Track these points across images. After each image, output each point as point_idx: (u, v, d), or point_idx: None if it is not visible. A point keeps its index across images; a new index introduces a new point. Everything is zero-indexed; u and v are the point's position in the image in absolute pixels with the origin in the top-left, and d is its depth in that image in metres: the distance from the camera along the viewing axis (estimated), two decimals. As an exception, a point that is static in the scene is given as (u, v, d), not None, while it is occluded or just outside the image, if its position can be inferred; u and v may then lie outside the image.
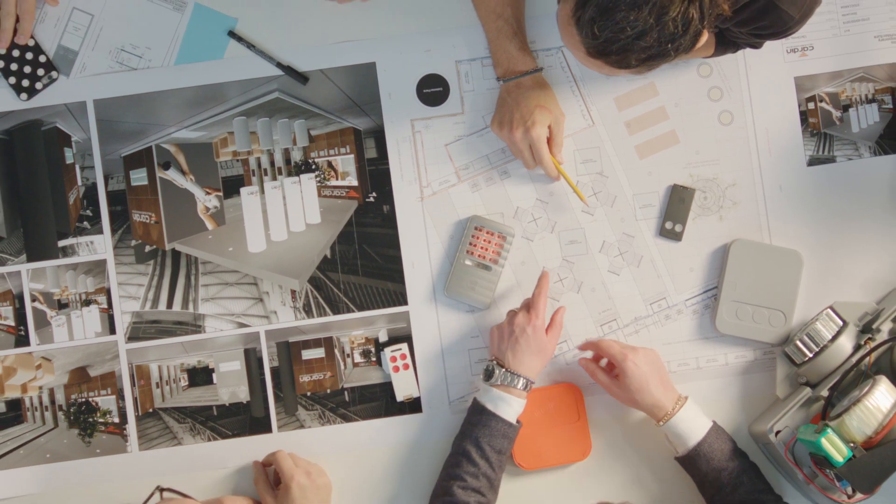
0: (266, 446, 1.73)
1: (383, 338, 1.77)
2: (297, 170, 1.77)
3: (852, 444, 1.50)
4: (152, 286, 1.75)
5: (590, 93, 1.78)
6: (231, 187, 1.77)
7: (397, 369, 1.76)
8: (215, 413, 1.75)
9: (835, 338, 1.63)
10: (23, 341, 1.74)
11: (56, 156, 1.76)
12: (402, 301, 1.76)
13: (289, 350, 1.76)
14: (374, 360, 1.76)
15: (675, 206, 1.77)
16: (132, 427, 1.74)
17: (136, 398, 1.75)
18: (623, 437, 1.75)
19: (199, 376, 1.76)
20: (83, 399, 1.74)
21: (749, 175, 1.78)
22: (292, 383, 1.76)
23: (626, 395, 1.65)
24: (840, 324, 1.65)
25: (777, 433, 1.61)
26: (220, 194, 1.77)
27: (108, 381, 1.75)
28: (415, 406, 1.76)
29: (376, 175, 1.77)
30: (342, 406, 1.76)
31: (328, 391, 1.76)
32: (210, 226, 1.77)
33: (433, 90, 1.77)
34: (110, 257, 1.75)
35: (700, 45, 1.36)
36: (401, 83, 1.76)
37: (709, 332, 1.76)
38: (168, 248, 1.76)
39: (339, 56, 1.76)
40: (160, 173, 1.76)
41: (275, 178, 1.77)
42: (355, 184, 1.78)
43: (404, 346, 1.76)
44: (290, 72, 1.75)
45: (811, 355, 1.64)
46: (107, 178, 1.76)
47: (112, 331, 1.75)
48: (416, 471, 1.73)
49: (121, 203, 1.76)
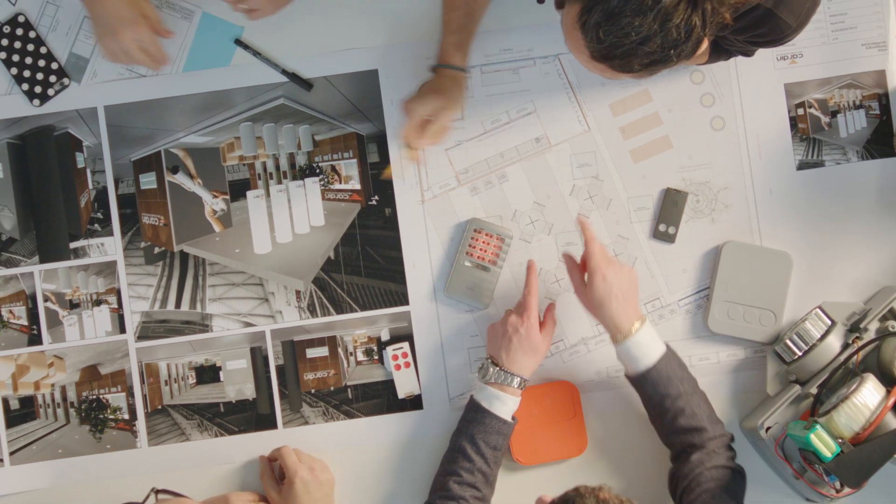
0: (272, 442, 1.74)
1: (385, 337, 1.77)
2: (302, 174, 1.77)
3: (840, 440, 1.49)
4: (161, 287, 1.76)
5: (585, 99, 1.78)
6: (238, 191, 1.77)
7: (399, 367, 1.76)
8: (222, 410, 1.75)
9: (823, 337, 1.63)
10: (35, 340, 1.74)
11: (68, 160, 1.76)
12: (404, 301, 1.77)
13: (294, 349, 1.76)
14: (376, 358, 1.77)
15: (669, 209, 1.77)
16: (141, 423, 1.74)
17: (145, 395, 1.75)
18: (618, 434, 1.75)
19: (207, 374, 1.76)
20: (94, 396, 1.75)
21: (740, 179, 1.78)
22: (297, 381, 1.76)
23: (588, 303, 1.64)
24: (828, 323, 1.65)
25: (767, 429, 1.61)
26: (227, 197, 1.77)
27: (119, 379, 1.75)
28: (416, 403, 1.76)
29: (378, 179, 1.78)
30: (345, 403, 1.76)
31: (332, 388, 1.76)
32: (217, 228, 1.77)
33: (434, 96, 1.78)
34: (120, 259, 1.76)
35: (700, 52, 1.35)
36: (402, 90, 1.76)
37: (701, 331, 1.77)
38: (176, 249, 1.76)
39: (343, 63, 1.76)
40: (169, 177, 1.77)
41: (280, 182, 1.77)
42: (358, 187, 1.78)
43: (406, 345, 1.76)
44: (294, 79, 1.75)
45: (800, 354, 1.64)
46: (117, 182, 1.76)
47: (122, 330, 1.75)
48: (417, 466, 1.73)
49: (130, 206, 1.76)
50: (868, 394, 1.51)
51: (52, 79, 1.74)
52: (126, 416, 1.74)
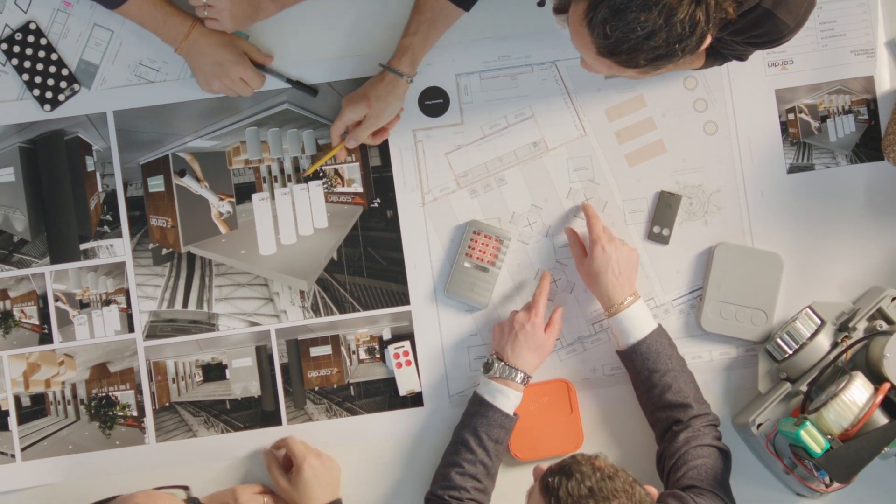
0: (276, 438, 1.74)
1: (387, 336, 1.77)
2: (307, 177, 1.78)
3: (830, 437, 1.49)
4: (169, 287, 1.76)
5: (582, 104, 1.78)
6: (243, 193, 1.77)
7: (400, 365, 1.76)
8: (228, 407, 1.75)
9: (813, 336, 1.64)
10: (46, 339, 1.75)
11: (78, 164, 1.76)
12: (405, 301, 1.77)
13: (298, 347, 1.76)
14: (378, 356, 1.77)
15: (663, 212, 1.77)
16: (150, 420, 1.75)
17: (153, 393, 1.75)
18: (613, 430, 1.75)
19: (213, 372, 1.76)
20: (103, 394, 1.75)
21: (732, 182, 1.78)
22: (301, 379, 1.76)
23: (585, 274, 1.67)
24: (818, 322, 1.65)
25: (759, 426, 1.61)
26: (233, 200, 1.77)
27: (127, 377, 1.75)
28: (417, 400, 1.76)
29: (380, 182, 1.78)
30: (348, 400, 1.76)
31: (335, 386, 1.76)
32: (223, 230, 1.77)
33: (434, 102, 1.78)
34: (129, 260, 1.76)
35: (703, 47, 1.34)
36: (403, 95, 1.77)
37: (694, 331, 1.77)
38: (184, 250, 1.77)
39: (346, 69, 1.76)
40: (176, 180, 1.77)
41: (284, 185, 1.77)
42: (360, 190, 1.78)
43: (407, 344, 1.76)
44: (300, 86, 1.75)
45: (791, 352, 1.64)
46: (126, 185, 1.76)
47: (131, 329, 1.75)
48: (418, 461, 1.73)
49: (139, 208, 1.76)
50: (857, 391, 1.51)
51: (63, 84, 1.75)
52: (134, 413, 1.74)
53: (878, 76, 1.78)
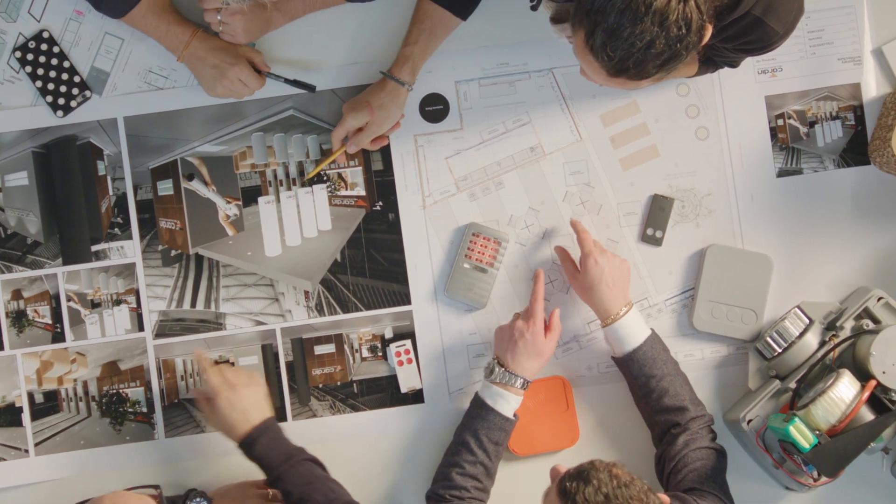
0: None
1: (389, 335, 1.77)
2: (310, 181, 1.78)
3: (818, 432, 1.50)
4: (177, 287, 1.76)
5: (577, 110, 1.78)
6: (249, 197, 1.77)
7: (401, 363, 1.76)
8: (235, 403, 1.76)
9: (802, 334, 1.64)
10: (59, 338, 1.75)
11: (89, 168, 1.76)
12: (406, 301, 1.77)
13: (302, 346, 1.77)
14: (380, 355, 1.77)
15: (656, 214, 1.77)
16: (159, 416, 1.75)
17: (162, 390, 1.75)
18: (608, 425, 1.75)
19: (221, 370, 1.76)
20: (114, 391, 1.75)
21: (723, 185, 1.78)
22: (305, 376, 1.76)
23: (579, 287, 1.67)
24: (806, 322, 1.65)
25: (749, 422, 1.62)
26: (240, 203, 1.77)
27: (137, 374, 1.75)
28: (418, 397, 1.76)
29: (382, 186, 1.78)
30: (351, 397, 1.76)
31: (338, 383, 1.77)
32: (230, 232, 1.77)
33: (434, 108, 1.78)
34: (139, 261, 1.76)
35: (706, 40, 1.34)
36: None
37: (687, 330, 1.77)
38: (192, 252, 1.77)
39: (348, 77, 1.77)
40: (185, 184, 1.77)
41: (289, 189, 1.78)
42: (363, 194, 1.78)
43: (408, 343, 1.76)
44: (297, 84, 1.74)
45: (780, 350, 1.64)
46: (136, 189, 1.77)
47: (140, 328, 1.76)
48: (419, 456, 1.74)
49: (149, 211, 1.77)
50: (844, 388, 1.52)
51: (75, 91, 1.75)
52: (144, 410, 1.75)
53: (865, 83, 1.79)
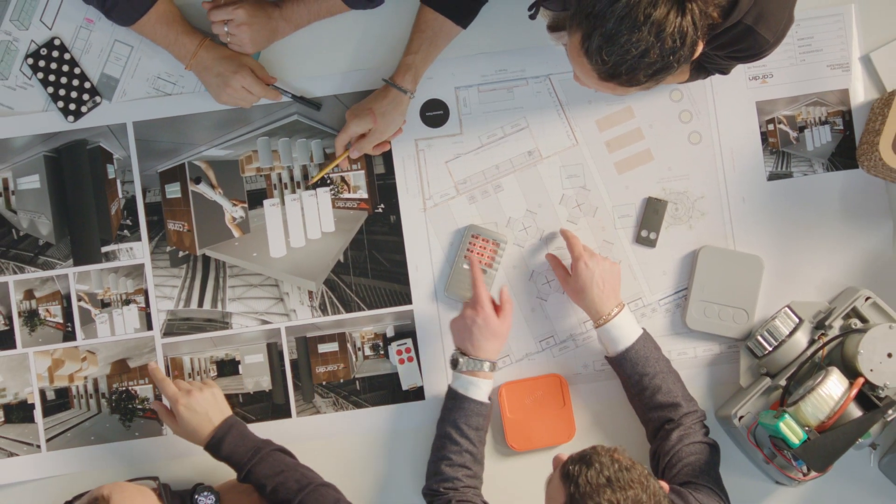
0: (286, 430, 1.74)
1: (390, 333, 1.77)
2: (312, 185, 1.78)
3: (807, 428, 1.50)
4: (185, 287, 1.76)
5: (573, 116, 1.79)
6: (255, 199, 1.78)
7: (403, 361, 1.76)
8: (241, 400, 1.76)
9: (792, 333, 1.64)
10: (70, 336, 1.75)
11: (99, 172, 1.77)
12: (407, 300, 1.77)
13: (306, 344, 1.77)
14: (382, 353, 1.77)
15: (650, 217, 1.78)
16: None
17: (170, 387, 1.75)
18: (603, 421, 1.76)
19: (227, 367, 1.76)
20: (124, 388, 1.75)
21: (715, 189, 1.79)
22: (309, 374, 1.77)
23: (571, 291, 1.67)
24: (796, 321, 1.66)
25: (740, 418, 1.62)
26: (246, 206, 1.78)
27: (146, 372, 1.75)
28: (418, 394, 1.76)
29: (384, 189, 1.78)
30: (354, 394, 1.77)
31: (341, 381, 1.77)
32: (236, 234, 1.78)
33: (434, 113, 1.78)
34: (148, 262, 1.76)
35: (696, 55, 1.34)
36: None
37: (680, 328, 1.77)
38: (199, 253, 1.77)
39: (351, 83, 1.77)
40: (192, 187, 1.77)
41: (294, 192, 1.78)
42: (365, 196, 1.79)
43: (409, 341, 1.77)
44: (303, 101, 1.75)
45: (771, 349, 1.65)
46: (145, 192, 1.77)
47: (149, 327, 1.76)
48: (420, 450, 1.73)
49: (157, 214, 1.77)
50: (833, 386, 1.52)
51: (85, 97, 1.75)
52: (153, 407, 1.75)
53: (853, 89, 1.79)
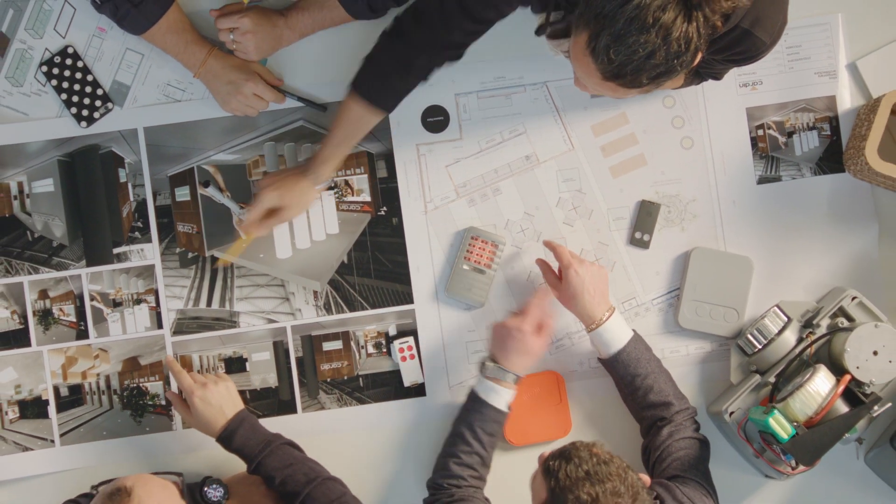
0: (292, 426, 1.73)
1: (392, 332, 1.78)
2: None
3: (796, 424, 1.50)
4: (194, 287, 1.77)
5: (570, 121, 1.79)
6: (262, 202, 1.78)
7: (405, 359, 1.77)
8: (248, 396, 1.76)
9: (781, 332, 1.64)
10: (83, 335, 1.75)
11: (111, 175, 1.77)
12: (409, 300, 1.78)
13: (311, 342, 1.77)
14: (384, 351, 1.78)
15: (644, 219, 1.78)
16: (177, 409, 1.75)
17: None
18: (598, 417, 1.76)
19: (235, 365, 1.76)
20: (135, 384, 1.76)
21: (707, 192, 1.79)
22: (314, 371, 1.77)
23: (563, 298, 1.66)
24: (785, 320, 1.65)
25: (731, 414, 1.62)
26: (253, 208, 1.78)
27: (156, 369, 1.76)
28: (420, 391, 1.77)
29: (387, 192, 1.79)
30: (357, 391, 1.77)
31: (345, 378, 1.77)
32: (244, 235, 1.79)
33: (435, 119, 1.78)
34: (158, 262, 1.77)
35: (697, 62, 1.33)
36: (407, 113, 1.77)
37: (672, 327, 1.77)
38: (207, 254, 1.77)
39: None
40: (201, 190, 1.78)
41: (299, 195, 1.78)
42: (368, 200, 1.79)
43: (411, 339, 1.77)
44: (310, 104, 1.76)
45: (760, 347, 1.65)
46: (155, 195, 1.77)
47: (159, 326, 1.76)
48: (422, 445, 1.74)
49: (167, 216, 1.77)
50: (820, 382, 1.52)
51: (98, 103, 1.76)
52: (163, 402, 1.75)
53: (840, 96, 1.79)
